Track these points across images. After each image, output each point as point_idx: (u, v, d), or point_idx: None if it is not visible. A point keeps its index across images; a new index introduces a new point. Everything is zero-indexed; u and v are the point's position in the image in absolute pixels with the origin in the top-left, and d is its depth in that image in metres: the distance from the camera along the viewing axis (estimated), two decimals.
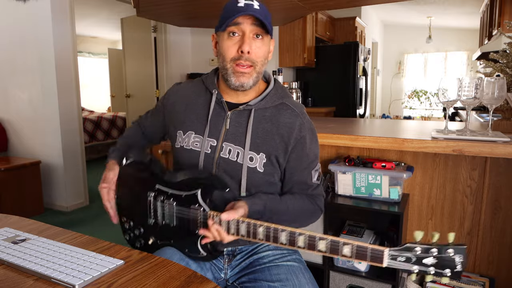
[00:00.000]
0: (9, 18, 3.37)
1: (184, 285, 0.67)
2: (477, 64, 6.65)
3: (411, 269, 0.75)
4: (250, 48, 0.95)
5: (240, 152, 1.01)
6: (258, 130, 1.01)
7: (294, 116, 1.04)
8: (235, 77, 0.98)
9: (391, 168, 1.56)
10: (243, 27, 0.95)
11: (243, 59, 0.96)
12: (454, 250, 0.73)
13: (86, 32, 7.71)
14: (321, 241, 0.81)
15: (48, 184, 3.46)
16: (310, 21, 4.39)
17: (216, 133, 1.03)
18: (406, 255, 0.75)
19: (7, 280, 0.69)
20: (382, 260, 0.76)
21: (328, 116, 4.45)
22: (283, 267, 1.00)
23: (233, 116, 1.03)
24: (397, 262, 0.76)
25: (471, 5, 5.56)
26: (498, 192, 1.59)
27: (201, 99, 1.08)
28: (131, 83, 4.80)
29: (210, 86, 1.07)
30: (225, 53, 0.98)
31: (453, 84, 1.37)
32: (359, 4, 2.86)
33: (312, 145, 1.05)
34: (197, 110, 1.07)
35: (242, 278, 1.02)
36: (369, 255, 0.78)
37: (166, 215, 0.99)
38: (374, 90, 7.47)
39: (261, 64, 1.00)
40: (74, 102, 3.42)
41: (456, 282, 1.57)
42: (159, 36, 4.37)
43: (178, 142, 1.08)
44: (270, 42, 1.03)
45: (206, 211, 0.93)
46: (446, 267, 0.73)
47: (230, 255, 1.07)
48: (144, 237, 1.04)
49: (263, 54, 0.99)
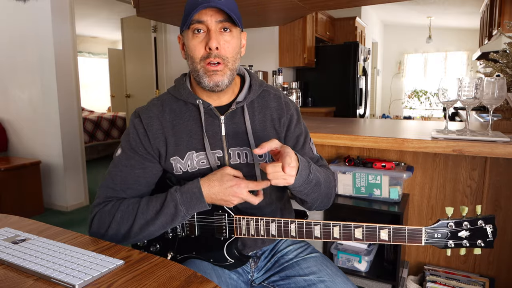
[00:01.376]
0: (9, 18, 3.37)
1: (184, 285, 0.67)
2: (477, 64, 6.65)
3: (447, 244, 0.80)
4: (218, 43, 0.88)
5: (248, 153, 0.98)
6: (255, 124, 0.99)
7: (278, 98, 1.04)
8: (208, 77, 0.90)
9: (391, 168, 1.56)
10: (207, 22, 0.88)
11: (212, 56, 0.88)
12: (484, 221, 0.77)
13: (86, 32, 7.71)
14: (356, 229, 0.84)
15: (48, 184, 3.46)
16: (310, 21, 4.39)
17: (217, 143, 0.96)
18: (441, 231, 0.79)
19: (7, 280, 0.69)
20: (421, 239, 0.80)
21: (328, 116, 4.45)
22: (310, 260, 1.01)
23: (226, 119, 0.97)
24: (434, 239, 0.80)
25: (471, 5, 5.56)
26: (498, 192, 1.59)
27: (185, 115, 0.98)
28: (131, 83, 4.80)
29: (190, 98, 0.97)
30: (193, 53, 0.90)
31: (453, 84, 1.38)
32: (359, 4, 2.86)
33: (300, 120, 1.07)
34: (188, 128, 0.97)
35: (272, 277, 1.02)
36: (406, 236, 0.81)
37: (185, 227, 0.96)
38: (374, 90, 7.46)
39: (233, 61, 0.92)
40: (74, 102, 3.42)
41: (456, 282, 1.57)
42: (159, 36, 4.37)
43: (177, 170, 0.97)
44: (241, 35, 0.96)
45: (232, 215, 0.92)
46: (479, 238, 0.78)
47: (255, 258, 1.06)
48: (161, 254, 0.99)
49: (234, 49, 0.91)
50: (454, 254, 1.69)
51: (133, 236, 0.92)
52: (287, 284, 0.98)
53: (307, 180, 0.90)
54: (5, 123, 3.61)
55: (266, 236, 0.91)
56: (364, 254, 1.60)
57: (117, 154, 0.98)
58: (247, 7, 2.56)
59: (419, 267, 1.78)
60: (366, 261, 1.60)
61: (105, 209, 0.94)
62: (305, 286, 0.95)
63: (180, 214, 0.90)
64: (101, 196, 0.96)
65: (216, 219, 0.94)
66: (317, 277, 0.96)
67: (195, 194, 0.89)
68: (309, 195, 0.95)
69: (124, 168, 0.96)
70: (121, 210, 0.92)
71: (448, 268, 1.69)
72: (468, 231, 0.78)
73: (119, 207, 0.93)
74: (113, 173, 0.97)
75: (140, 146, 0.96)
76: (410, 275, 1.75)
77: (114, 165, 0.97)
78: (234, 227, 0.93)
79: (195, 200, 0.89)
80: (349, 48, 4.60)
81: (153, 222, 0.91)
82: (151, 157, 0.97)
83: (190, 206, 0.90)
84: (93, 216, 0.95)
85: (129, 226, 0.91)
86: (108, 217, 0.92)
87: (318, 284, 0.94)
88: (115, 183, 0.96)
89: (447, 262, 1.72)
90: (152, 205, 0.91)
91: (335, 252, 1.64)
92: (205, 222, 0.95)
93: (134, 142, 0.97)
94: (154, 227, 0.91)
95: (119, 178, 0.96)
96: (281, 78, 2.29)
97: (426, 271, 1.66)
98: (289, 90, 2.18)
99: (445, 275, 1.62)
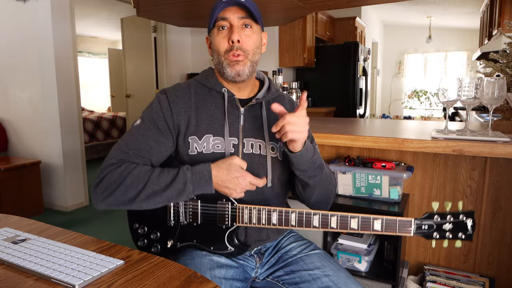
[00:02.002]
0: (9, 18, 3.37)
1: (184, 285, 0.67)
2: (477, 64, 6.65)
3: (433, 235, 0.86)
4: (240, 37, 0.98)
5: (261, 145, 1.03)
6: (271, 120, 1.05)
7: (291, 103, 1.17)
8: (230, 67, 0.99)
9: (391, 168, 1.56)
10: (231, 19, 0.98)
11: (234, 48, 0.98)
12: (465, 215, 0.85)
13: (86, 32, 7.71)
14: (352, 219, 0.89)
15: (48, 184, 3.46)
16: (310, 21, 4.39)
17: (235, 131, 1.02)
18: (428, 223, 0.86)
19: (7, 280, 0.69)
20: (410, 230, 0.86)
21: (328, 116, 4.45)
22: (313, 256, 1.04)
23: (246, 111, 1.05)
24: (421, 230, 0.86)
25: (471, 5, 5.56)
26: (498, 192, 1.59)
27: (208, 100, 1.04)
28: (131, 83, 4.80)
29: (216, 86, 1.05)
30: (218, 47, 1.00)
31: (453, 84, 1.37)
32: (359, 4, 2.85)
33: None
34: (210, 112, 1.03)
35: (277, 272, 1.04)
36: (397, 227, 0.87)
37: (188, 215, 0.99)
38: (374, 90, 7.47)
39: (253, 53, 1.01)
40: (74, 102, 3.42)
41: (456, 282, 1.57)
42: (159, 36, 4.37)
43: (193, 149, 1.00)
44: (261, 32, 1.05)
45: (235, 204, 0.96)
46: (460, 231, 0.85)
47: (259, 254, 1.08)
48: (161, 241, 1.02)
49: (254, 43, 1.01)
50: (454, 254, 1.69)
51: (137, 202, 0.94)
52: (292, 278, 1.00)
53: (311, 160, 0.98)
54: (5, 123, 3.61)
55: (267, 224, 0.94)
56: (364, 254, 1.60)
57: (136, 124, 1.01)
58: None
59: (419, 267, 1.78)
60: (366, 261, 1.60)
61: (118, 170, 0.95)
62: (309, 280, 0.97)
63: (186, 192, 0.93)
64: (114, 157, 0.98)
65: (220, 208, 0.97)
66: (321, 272, 0.98)
67: (204, 176, 0.93)
68: (312, 177, 1.01)
69: (140, 137, 0.99)
70: (133, 175, 0.94)
71: (448, 268, 1.69)
72: (451, 224, 0.85)
73: (132, 171, 0.94)
74: (127, 140, 1.00)
75: (162, 119, 1.00)
76: (410, 275, 1.75)
77: (130, 133, 1.01)
78: (236, 216, 0.96)
79: (203, 182, 0.93)
80: (349, 48, 4.60)
81: (160, 193, 0.93)
82: (168, 132, 1.00)
83: (198, 186, 0.93)
84: (104, 175, 0.95)
85: (137, 192, 0.93)
86: (119, 179, 0.94)
87: (322, 278, 0.97)
88: (130, 148, 0.98)
89: (447, 262, 1.72)
90: (163, 178, 0.94)
91: (335, 252, 1.64)
92: (208, 211, 0.98)
93: (156, 115, 1.00)
94: (160, 199, 0.94)
95: (133, 144, 0.98)
96: (281, 78, 2.29)
97: (426, 271, 1.66)
98: (289, 90, 2.18)
99: (445, 275, 1.62)
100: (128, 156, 0.98)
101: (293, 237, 1.13)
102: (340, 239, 1.69)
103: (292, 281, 1.00)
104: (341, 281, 0.96)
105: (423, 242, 1.76)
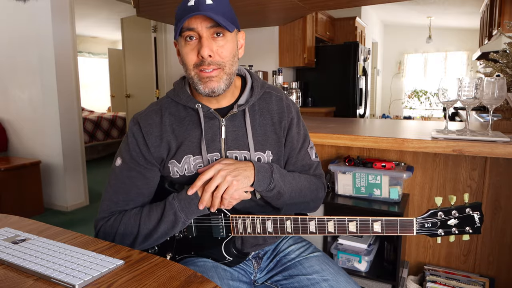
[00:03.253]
0: (9, 18, 3.37)
1: (184, 285, 0.67)
2: (477, 64, 6.65)
3: (437, 232, 0.83)
4: (211, 50, 0.86)
5: (247, 156, 0.96)
6: (256, 127, 0.98)
7: (279, 100, 1.02)
8: (203, 84, 0.89)
9: (391, 168, 1.56)
10: (198, 29, 0.85)
11: (205, 63, 0.86)
12: (471, 208, 0.81)
13: (86, 32, 7.71)
14: (350, 223, 0.86)
15: (48, 184, 3.46)
16: (310, 21, 4.39)
17: (216, 146, 0.95)
18: (431, 221, 0.83)
19: (7, 280, 0.69)
20: (412, 230, 0.83)
21: (328, 116, 4.45)
22: (312, 259, 1.01)
23: (227, 122, 0.96)
24: (425, 228, 0.83)
25: (471, 5, 5.56)
26: (498, 192, 1.59)
27: (185, 120, 0.97)
28: (131, 83, 4.80)
29: (189, 102, 0.96)
30: (186, 60, 0.89)
31: (453, 84, 1.37)
32: (359, 4, 2.85)
33: (300, 124, 1.06)
34: (188, 131, 0.96)
35: (275, 277, 1.02)
36: (398, 227, 0.84)
37: (182, 228, 0.97)
38: (374, 90, 7.46)
39: (230, 64, 0.90)
40: (74, 102, 3.42)
41: (456, 282, 1.57)
42: (159, 36, 4.37)
43: (174, 173, 0.96)
44: (236, 36, 0.94)
45: (228, 215, 0.93)
46: (467, 225, 0.81)
47: (257, 258, 1.07)
48: (160, 254, 1.00)
49: (230, 52, 0.89)
50: (454, 254, 1.69)
51: (138, 244, 0.95)
52: (290, 283, 0.98)
53: (267, 188, 0.92)
54: (5, 123, 3.61)
55: (262, 233, 0.92)
56: (364, 254, 1.60)
57: (118, 165, 0.97)
58: (247, 7, 2.56)
59: (419, 267, 1.78)
60: (366, 261, 1.60)
61: (108, 223, 0.96)
62: (308, 285, 0.95)
63: (181, 220, 0.92)
64: (104, 210, 0.97)
65: (213, 220, 0.95)
66: (320, 276, 0.96)
67: (192, 200, 0.90)
68: (274, 202, 0.97)
69: (126, 180, 0.96)
70: (124, 223, 0.94)
71: (448, 268, 1.69)
72: (457, 219, 0.81)
73: (122, 220, 0.94)
74: (115, 186, 0.97)
75: (140, 156, 0.96)
76: (410, 275, 1.75)
77: (116, 176, 0.97)
78: (230, 227, 0.94)
79: (193, 206, 0.90)
80: (349, 48, 4.60)
81: (155, 230, 0.92)
82: (151, 165, 0.97)
83: (189, 212, 0.91)
84: (97, 231, 0.97)
85: (133, 237, 0.94)
86: (112, 231, 0.94)
87: (321, 283, 0.94)
88: (118, 197, 0.96)
89: (447, 262, 1.72)
90: (153, 215, 0.93)
91: (335, 252, 1.64)
92: (202, 223, 0.96)
93: (134, 153, 0.96)
94: (157, 235, 0.93)
95: (121, 191, 0.96)
96: (281, 78, 2.28)
97: (426, 271, 1.66)
98: (289, 90, 2.18)
99: (445, 275, 1.62)
100: (117, 206, 0.96)
101: (292, 239, 1.11)
102: (340, 239, 1.69)
103: (290, 286, 0.98)
104: (340, 286, 0.94)
105: (423, 242, 1.76)
